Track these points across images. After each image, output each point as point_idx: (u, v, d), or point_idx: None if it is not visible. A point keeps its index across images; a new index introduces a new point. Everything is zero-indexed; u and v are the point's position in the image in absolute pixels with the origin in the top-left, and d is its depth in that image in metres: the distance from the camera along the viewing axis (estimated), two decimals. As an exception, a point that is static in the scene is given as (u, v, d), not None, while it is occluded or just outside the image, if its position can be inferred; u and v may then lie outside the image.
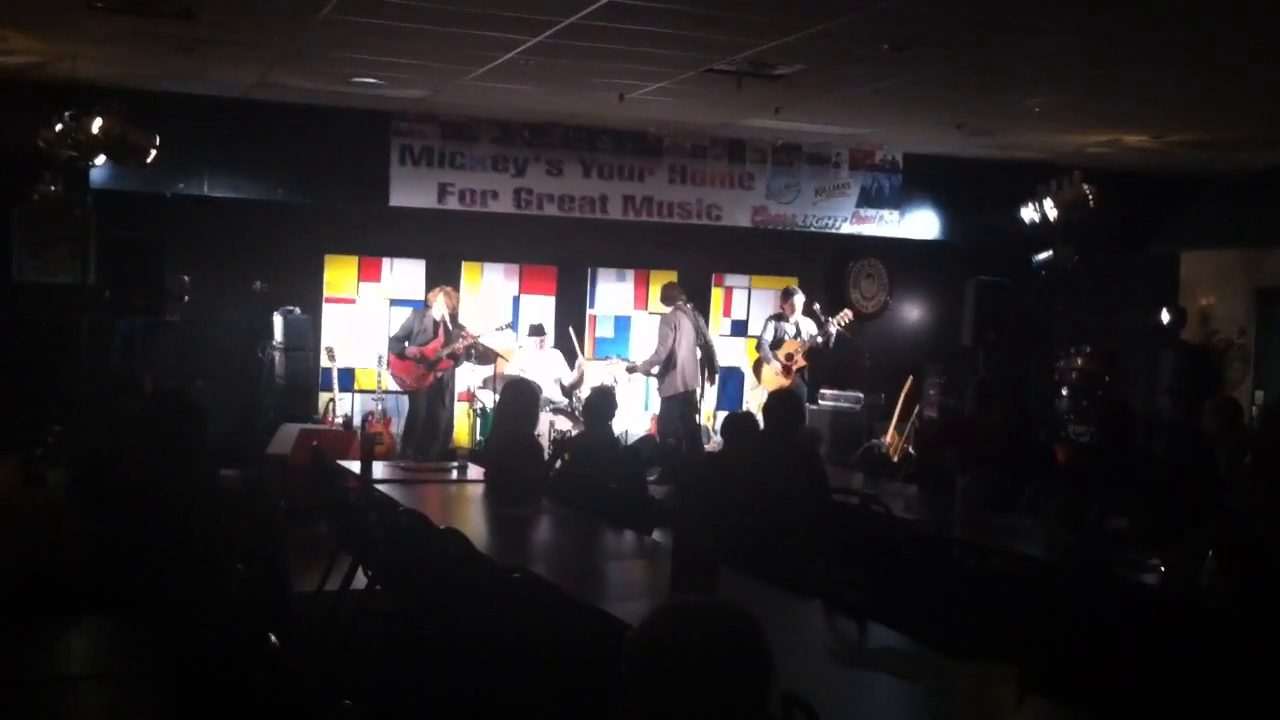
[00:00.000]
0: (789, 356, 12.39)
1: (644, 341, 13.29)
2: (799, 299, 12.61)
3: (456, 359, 11.79)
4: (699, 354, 11.99)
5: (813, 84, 9.50)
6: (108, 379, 9.44)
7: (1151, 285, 13.52)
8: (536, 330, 12.20)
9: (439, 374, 11.74)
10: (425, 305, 11.86)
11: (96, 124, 9.95)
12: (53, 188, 10.25)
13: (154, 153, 10.34)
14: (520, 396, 7.43)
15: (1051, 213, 12.46)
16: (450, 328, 11.67)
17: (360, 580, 6.71)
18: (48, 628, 3.96)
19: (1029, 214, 12.66)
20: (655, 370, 12.04)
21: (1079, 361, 12.44)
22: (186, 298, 11.27)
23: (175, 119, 10.69)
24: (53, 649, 3.89)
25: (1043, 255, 12.93)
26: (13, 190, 10.34)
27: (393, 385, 11.90)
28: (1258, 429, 7.72)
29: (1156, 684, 4.22)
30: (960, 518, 6.80)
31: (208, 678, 3.67)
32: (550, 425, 11.04)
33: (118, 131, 10.06)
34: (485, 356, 12.14)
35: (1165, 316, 13.10)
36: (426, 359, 11.57)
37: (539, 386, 9.07)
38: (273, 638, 3.43)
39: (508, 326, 12.34)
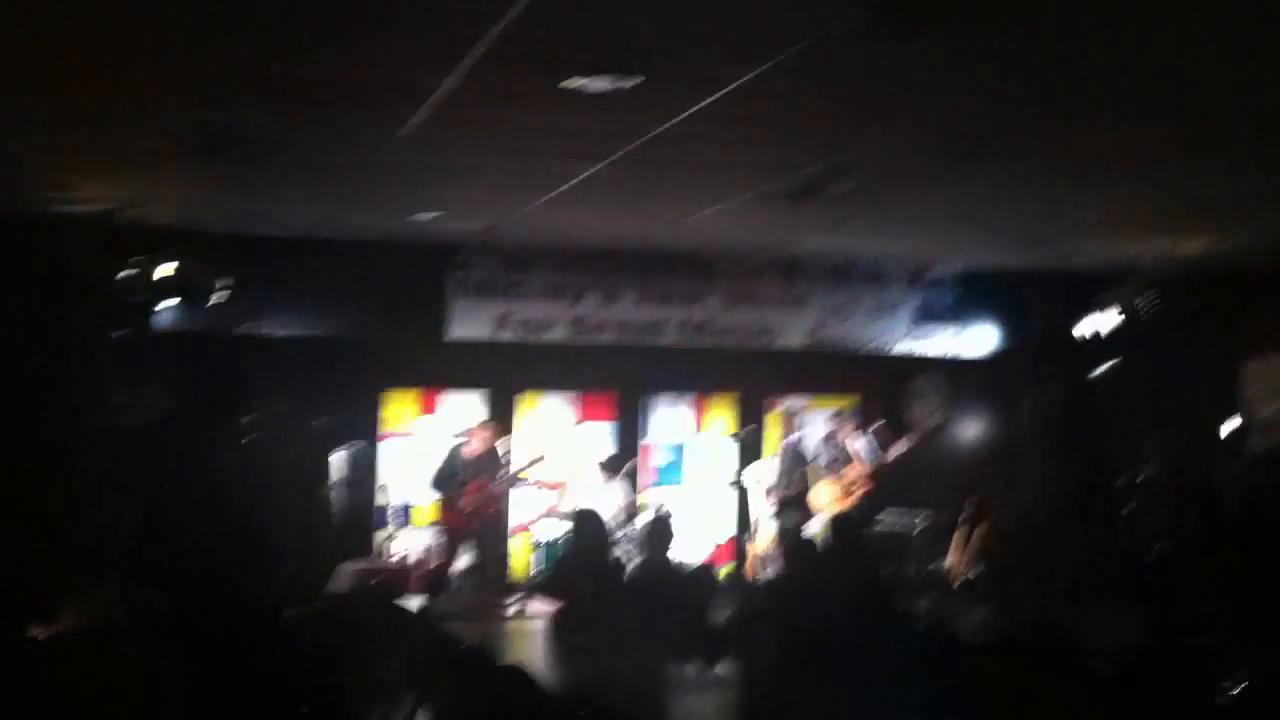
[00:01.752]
0: (850, 484, 12.25)
1: (701, 468, 13.19)
2: (851, 420, 12.52)
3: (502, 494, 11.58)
4: None
5: (866, 202, 9.51)
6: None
7: (1217, 392, 13.30)
8: (612, 465, 12.11)
9: (484, 512, 11.57)
10: (465, 441, 11.64)
11: (168, 267, 10.16)
12: (126, 328, 10.42)
13: (223, 294, 10.53)
14: (592, 528, 7.40)
15: (1111, 323, 12.39)
16: (487, 465, 11.53)
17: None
18: None
19: (1089, 325, 12.60)
20: None
21: (1149, 471, 12.21)
22: (252, 435, 11.34)
23: (240, 259, 10.85)
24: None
25: (1104, 366, 12.83)
26: (89, 331, 10.51)
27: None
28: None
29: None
30: (1031, 636, 6.65)
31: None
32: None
33: (187, 273, 10.27)
34: (543, 486, 12.05)
35: (1231, 424, 12.88)
36: (472, 504, 11.37)
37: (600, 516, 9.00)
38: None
39: (608, 469, 12.16)
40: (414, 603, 7.80)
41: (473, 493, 11.25)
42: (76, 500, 10.10)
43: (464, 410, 12.52)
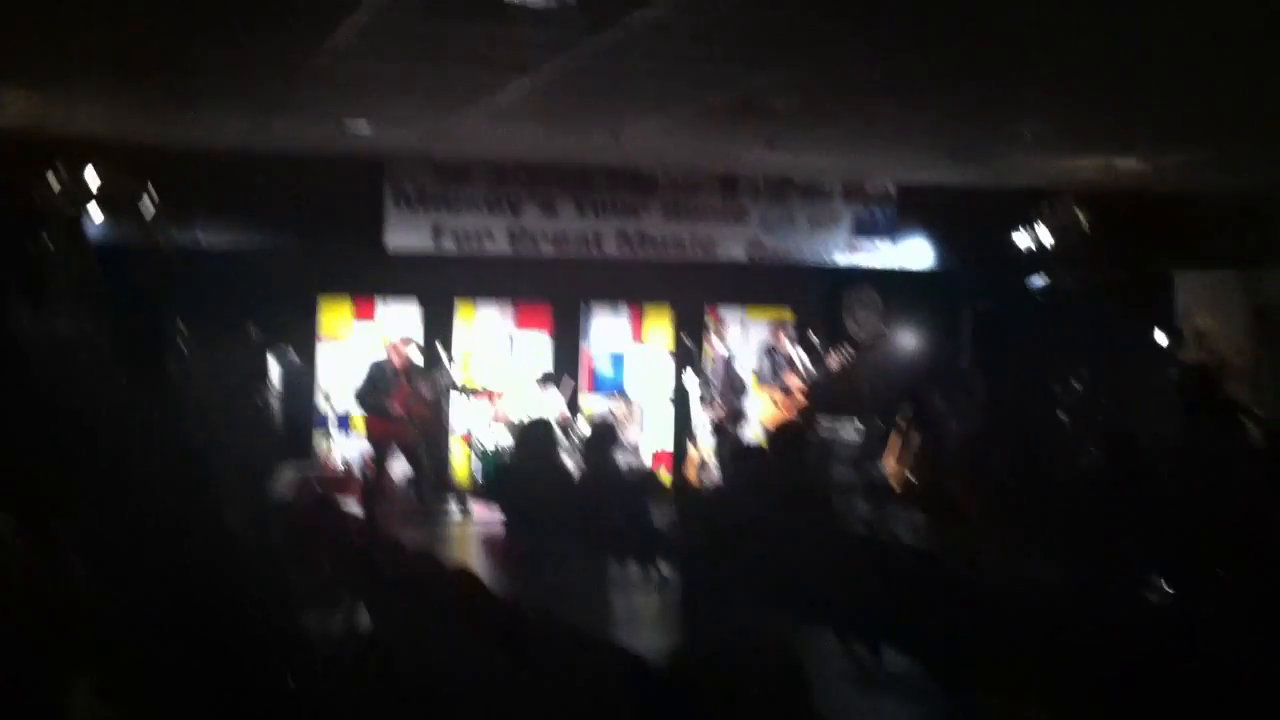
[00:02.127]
0: (789, 393, 12.37)
1: (640, 376, 13.29)
2: (792, 330, 12.62)
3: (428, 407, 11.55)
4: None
5: (805, 117, 9.52)
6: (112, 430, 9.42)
7: (1148, 307, 13.53)
8: (549, 378, 12.13)
9: (415, 421, 11.53)
10: (385, 357, 11.41)
11: (92, 178, 9.99)
12: (50, 242, 10.26)
13: (149, 205, 10.38)
14: (539, 437, 7.43)
15: (1045, 238, 12.54)
16: (412, 376, 11.46)
17: (368, 622, 6.65)
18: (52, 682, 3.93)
19: (1022, 240, 12.73)
20: None
21: (1077, 385, 12.43)
22: (184, 347, 11.24)
23: (170, 171, 10.70)
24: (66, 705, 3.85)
25: (1037, 280, 13.00)
26: (12, 248, 10.33)
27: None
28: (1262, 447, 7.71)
29: (1175, 707, 4.19)
30: (969, 544, 6.79)
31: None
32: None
33: (113, 185, 10.11)
34: (481, 395, 12.04)
35: (1162, 338, 13.12)
36: (401, 414, 11.30)
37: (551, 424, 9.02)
38: (290, 680, 3.40)
39: (550, 380, 12.19)
40: (356, 507, 7.79)
41: (400, 402, 11.23)
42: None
43: (401, 319, 12.48)
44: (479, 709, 4.45)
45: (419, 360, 11.68)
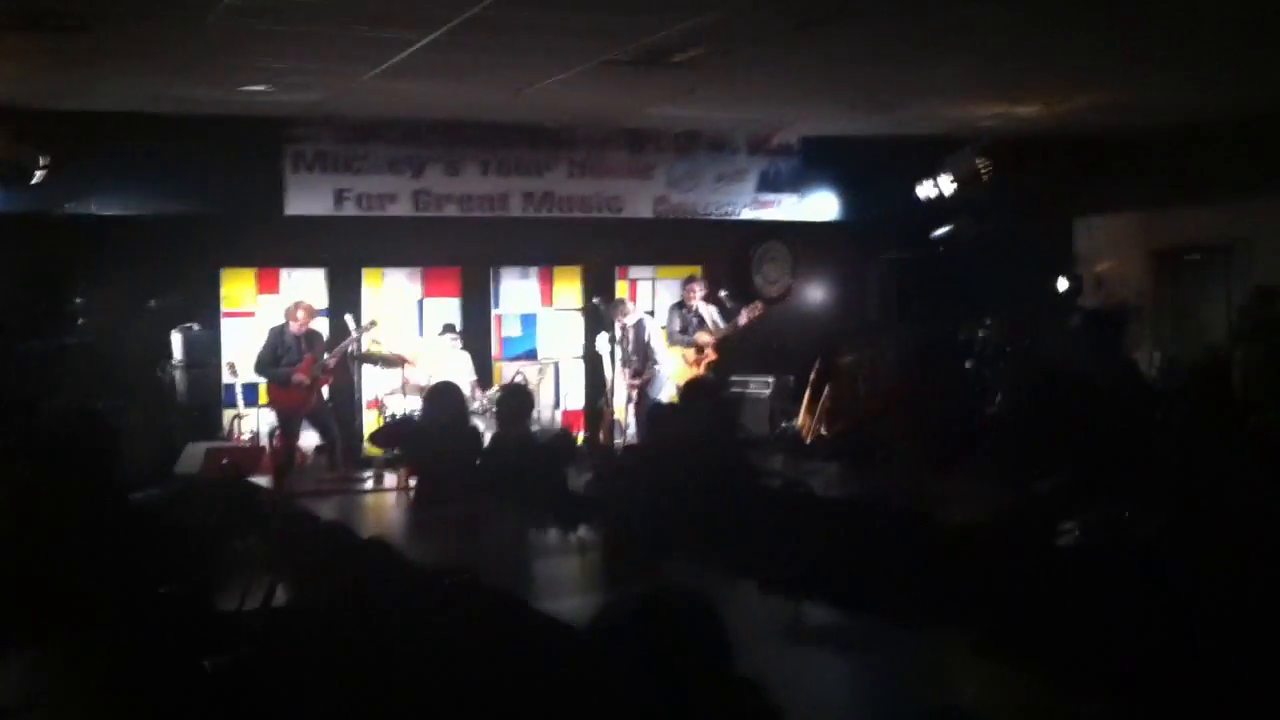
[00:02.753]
0: (700, 350, 12.37)
1: (551, 339, 13.23)
2: (700, 286, 12.61)
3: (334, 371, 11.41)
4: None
5: (709, 70, 9.48)
6: (5, 404, 9.20)
7: (1050, 252, 13.72)
8: (449, 329, 12.08)
9: (321, 391, 11.42)
10: (285, 322, 11.33)
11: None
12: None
13: (41, 172, 10.11)
14: (449, 400, 7.34)
15: (948, 187, 12.63)
16: (311, 344, 11.28)
17: (282, 597, 6.55)
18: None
19: (926, 190, 12.83)
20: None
21: (984, 332, 12.58)
22: (81, 320, 10.98)
23: (62, 136, 10.42)
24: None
25: (942, 230, 13.11)
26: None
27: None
28: (1173, 386, 7.85)
29: (1096, 642, 4.25)
30: (883, 490, 6.84)
31: (139, 704, 3.56)
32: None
33: (3, 151, 9.83)
34: (389, 362, 11.90)
35: (1063, 283, 13.31)
36: (305, 382, 11.17)
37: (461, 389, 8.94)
38: (205, 663, 3.33)
39: (449, 330, 12.11)
40: (266, 481, 7.66)
41: (304, 371, 11.07)
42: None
43: (306, 288, 12.26)
44: (398, 678, 4.40)
45: (321, 327, 11.52)
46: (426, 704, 4.31)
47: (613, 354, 12.14)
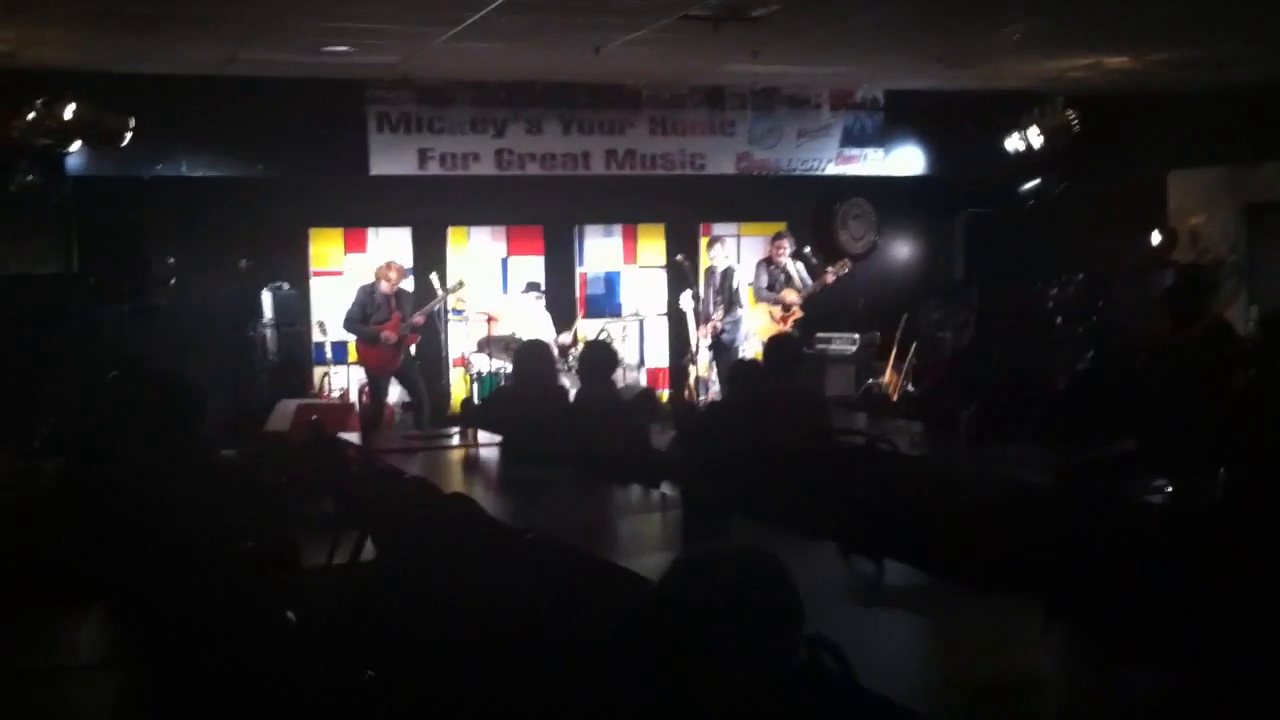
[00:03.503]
0: (787, 307, 12.33)
1: (634, 297, 13.27)
2: (788, 243, 12.56)
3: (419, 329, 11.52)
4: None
5: (789, 25, 9.40)
6: (97, 366, 9.38)
7: (1141, 208, 13.48)
8: (533, 287, 12.16)
9: (408, 349, 11.54)
10: (374, 281, 11.44)
11: (69, 110, 9.89)
12: (29, 177, 10.17)
13: (129, 136, 10.29)
14: (537, 358, 7.39)
15: (1036, 141, 12.44)
16: (400, 303, 11.38)
17: (370, 552, 6.67)
18: (48, 618, 3.92)
19: (1013, 144, 12.65)
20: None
21: (1072, 289, 12.41)
22: (173, 280, 11.19)
23: (149, 101, 10.60)
24: (55, 639, 3.85)
25: (1029, 184, 12.93)
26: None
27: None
28: (1258, 341, 7.68)
29: (1173, 605, 4.20)
30: (965, 451, 6.79)
31: (220, 659, 3.63)
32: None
33: (91, 116, 10.01)
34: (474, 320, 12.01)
35: (1156, 238, 13.08)
36: (393, 340, 11.25)
37: (548, 345, 8.99)
38: (290, 614, 3.39)
39: (534, 288, 12.19)
40: (354, 437, 7.77)
41: (392, 329, 11.19)
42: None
43: (392, 247, 12.41)
44: (481, 634, 4.46)
45: (409, 286, 11.65)
46: (505, 656, 4.37)
47: (696, 310, 12.15)
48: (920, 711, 3.03)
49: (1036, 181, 12.87)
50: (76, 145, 10.31)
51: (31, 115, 9.88)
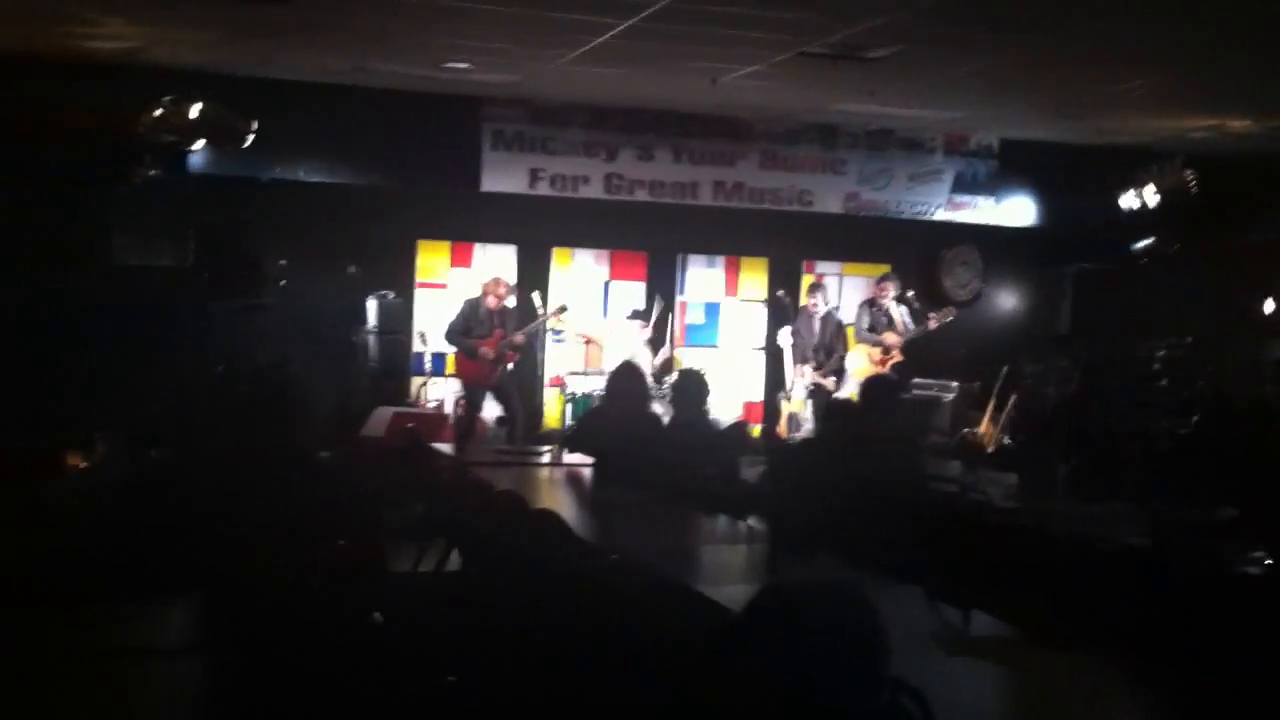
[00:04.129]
0: (886, 349, 12.23)
1: (733, 329, 13.26)
2: (893, 286, 12.47)
3: (519, 349, 11.59)
4: None
5: (907, 67, 9.38)
6: (206, 360, 9.58)
7: (1257, 273, 13.18)
8: (638, 314, 12.19)
9: (506, 365, 11.62)
10: (481, 296, 11.53)
11: (196, 109, 10.13)
12: (153, 171, 10.42)
13: (251, 138, 10.51)
14: (632, 381, 7.43)
15: (1152, 199, 12.25)
16: (503, 319, 11.47)
17: (455, 561, 6.72)
18: (145, 605, 4.00)
19: (1129, 200, 12.46)
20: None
21: (1180, 351, 12.17)
22: (282, 281, 11.39)
23: (272, 105, 10.82)
24: (147, 623, 3.93)
25: (1142, 242, 12.72)
26: (114, 174, 10.51)
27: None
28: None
29: (1265, 676, 4.10)
30: (1061, 506, 6.69)
31: (305, 654, 3.68)
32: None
33: (216, 117, 10.25)
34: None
35: (1270, 305, 12.80)
36: (490, 355, 11.33)
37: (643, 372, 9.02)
38: (377, 615, 3.44)
39: (638, 316, 12.25)
40: (448, 448, 7.85)
41: (492, 345, 11.28)
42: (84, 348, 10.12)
43: (497, 264, 12.52)
44: (559, 650, 4.47)
45: (513, 303, 11.76)
46: (581, 673, 4.38)
47: (794, 346, 12.11)
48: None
49: (1150, 240, 12.66)
50: (200, 144, 10.55)
51: (159, 112, 10.13)
